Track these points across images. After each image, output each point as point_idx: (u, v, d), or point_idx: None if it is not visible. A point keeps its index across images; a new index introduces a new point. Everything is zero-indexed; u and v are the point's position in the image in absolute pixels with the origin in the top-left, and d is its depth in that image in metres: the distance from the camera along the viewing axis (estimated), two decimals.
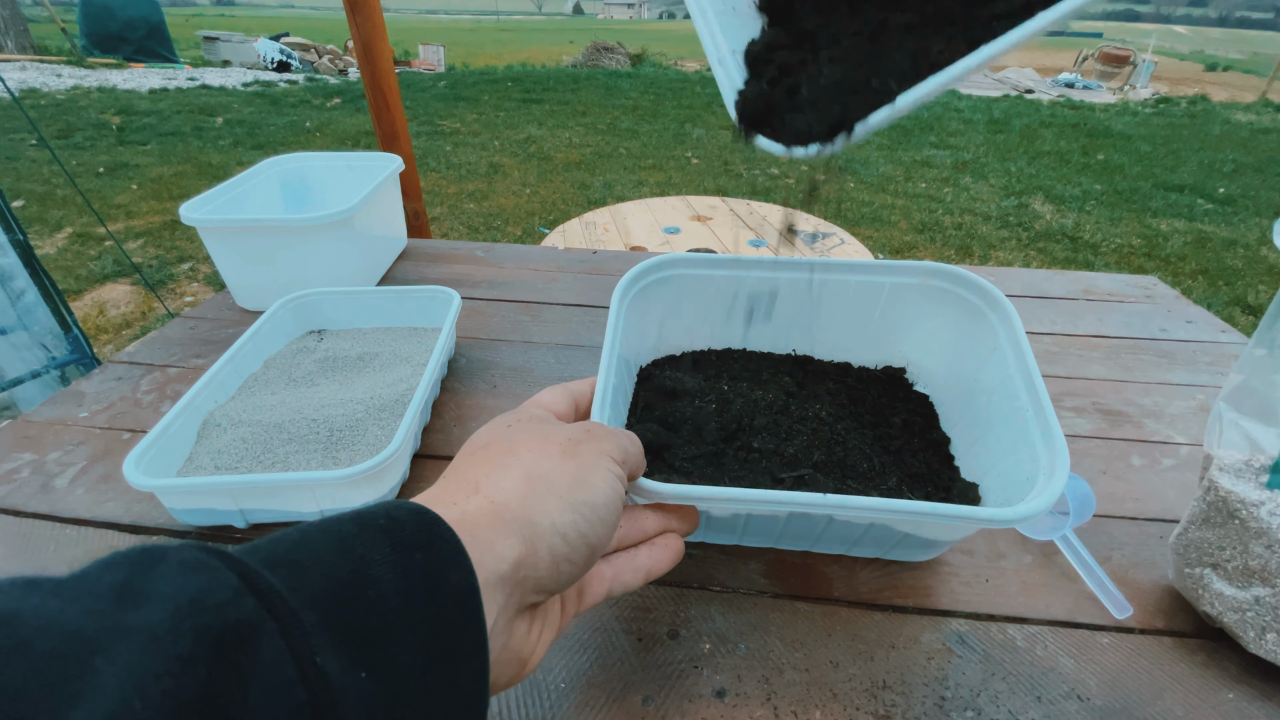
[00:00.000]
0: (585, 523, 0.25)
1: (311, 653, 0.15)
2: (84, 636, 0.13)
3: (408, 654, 0.18)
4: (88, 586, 0.15)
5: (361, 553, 0.19)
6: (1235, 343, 0.72)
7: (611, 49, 10.45)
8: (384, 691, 0.17)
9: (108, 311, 2.44)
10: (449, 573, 0.20)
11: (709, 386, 0.50)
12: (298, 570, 0.17)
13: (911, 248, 3.28)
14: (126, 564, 0.15)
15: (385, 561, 0.19)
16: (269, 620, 0.15)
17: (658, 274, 0.51)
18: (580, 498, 0.25)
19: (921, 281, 0.50)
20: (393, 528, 0.20)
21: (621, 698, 0.36)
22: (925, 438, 0.48)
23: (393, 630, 0.18)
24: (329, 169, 0.90)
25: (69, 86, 6.24)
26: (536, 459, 0.26)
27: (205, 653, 0.14)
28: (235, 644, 0.14)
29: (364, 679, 0.16)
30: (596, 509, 0.26)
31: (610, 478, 0.27)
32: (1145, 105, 7.57)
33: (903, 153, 5.05)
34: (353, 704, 0.16)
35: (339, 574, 0.18)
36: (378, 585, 0.18)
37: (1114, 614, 0.40)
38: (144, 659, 0.13)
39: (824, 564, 0.44)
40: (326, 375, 0.59)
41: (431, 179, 4.13)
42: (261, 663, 0.15)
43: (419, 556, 0.19)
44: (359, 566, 0.18)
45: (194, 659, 0.14)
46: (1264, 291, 2.84)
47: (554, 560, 0.24)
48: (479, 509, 0.23)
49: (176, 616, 0.14)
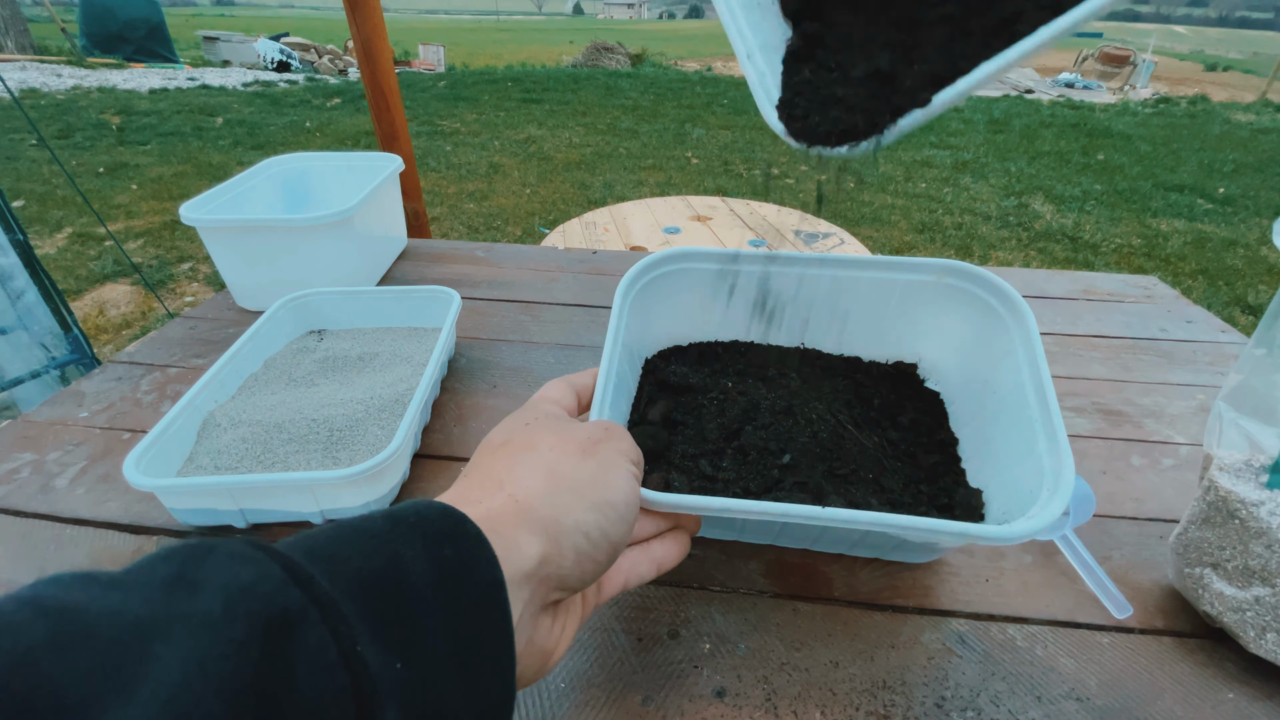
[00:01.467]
0: (607, 521, 0.26)
1: (353, 640, 0.16)
2: (143, 624, 0.14)
3: (439, 643, 0.19)
4: (143, 579, 0.15)
5: (394, 548, 0.20)
6: (1235, 343, 0.72)
7: (611, 49, 10.45)
8: (418, 679, 0.18)
9: (108, 311, 2.44)
10: (476, 567, 0.21)
11: (713, 382, 0.49)
12: (335, 564, 0.18)
13: (911, 248, 3.28)
14: (178, 557, 0.16)
15: (416, 556, 0.20)
16: (312, 609, 0.16)
17: (666, 267, 0.51)
18: (602, 497, 0.26)
19: (937, 279, 0.49)
20: (421, 524, 0.21)
21: (621, 698, 0.36)
22: (933, 438, 0.47)
23: (425, 621, 0.19)
24: (329, 169, 0.90)
25: (69, 86, 6.24)
26: (557, 457, 0.27)
27: (257, 637, 0.15)
28: (282, 630, 0.15)
29: (399, 668, 0.17)
30: (617, 508, 0.27)
31: (628, 477, 0.28)
32: (1145, 105, 7.57)
33: (903, 153, 5.05)
34: (390, 689, 0.17)
35: (373, 567, 0.19)
36: (410, 578, 0.19)
37: (1114, 614, 0.40)
38: (201, 643, 0.14)
39: (824, 564, 0.44)
40: (326, 375, 0.59)
41: (431, 179, 4.13)
42: (307, 648, 0.15)
43: (448, 551, 0.20)
44: (392, 560, 0.19)
45: (247, 643, 0.14)
46: (1264, 291, 2.84)
47: (578, 559, 0.25)
48: (503, 507, 0.24)
49: (229, 603, 0.15)
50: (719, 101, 6.98)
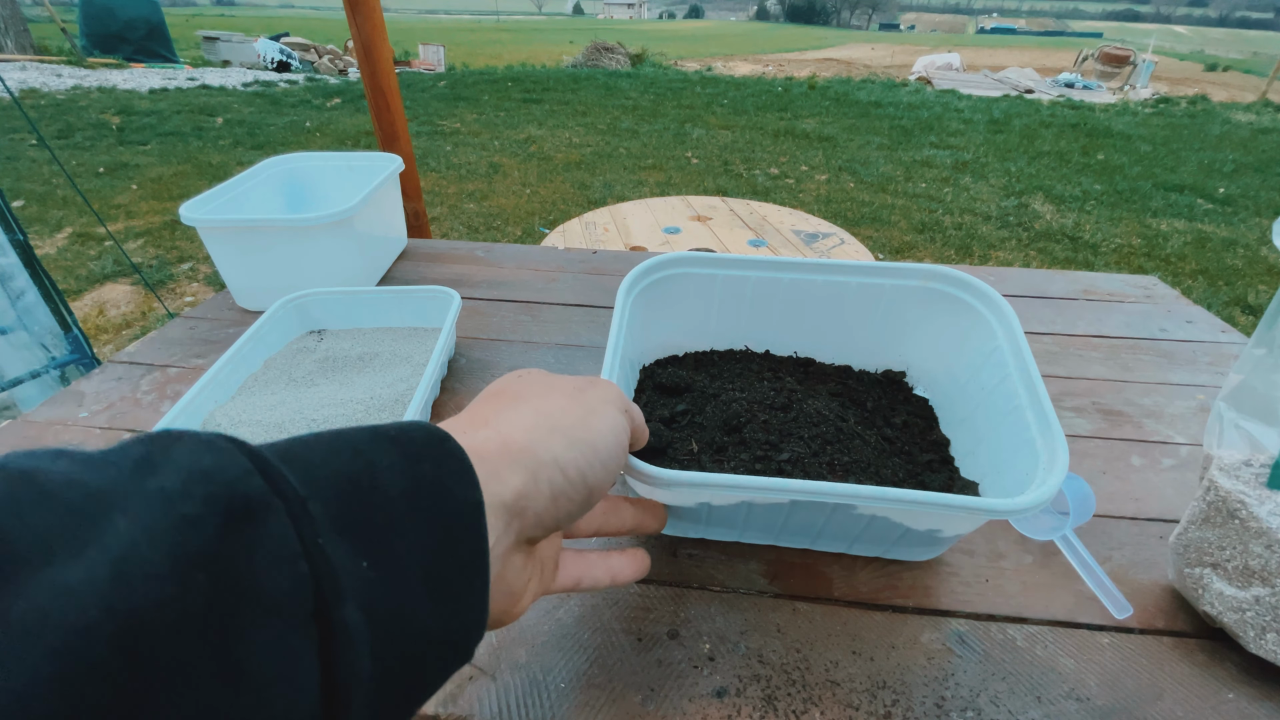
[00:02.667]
0: (585, 461, 0.26)
1: (315, 534, 0.16)
2: (104, 495, 0.14)
3: (410, 554, 0.18)
4: (113, 458, 0.16)
5: (371, 458, 0.19)
6: (1235, 343, 0.72)
7: (611, 49, 10.45)
8: (385, 584, 0.17)
9: (108, 311, 2.44)
10: (455, 486, 0.21)
11: (711, 385, 0.50)
12: (308, 466, 0.18)
13: (911, 248, 3.28)
14: (149, 442, 0.16)
15: (394, 468, 0.19)
16: (277, 501, 0.16)
17: (661, 273, 0.52)
18: (582, 436, 0.26)
19: (921, 284, 0.51)
20: (403, 439, 0.21)
21: (621, 698, 0.36)
22: (925, 439, 0.48)
23: (396, 529, 0.18)
24: (329, 169, 0.90)
25: (69, 86, 6.24)
26: (544, 401, 0.27)
27: (213, 517, 0.15)
28: (244, 516, 0.15)
29: (365, 567, 0.17)
30: (597, 450, 0.27)
31: (613, 423, 0.28)
32: (1145, 105, 7.58)
33: (903, 153, 5.05)
34: (353, 587, 0.17)
35: (347, 473, 0.18)
36: (385, 488, 0.19)
37: (1114, 614, 0.40)
38: (154, 514, 0.14)
39: (824, 564, 0.44)
40: (326, 375, 0.59)
41: (431, 179, 4.13)
42: (267, 535, 0.15)
43: (427, 467, 0.20)
44: (368, 469, 0.19)
45: (202, 520, 0.14)
46: (1264, 291, 2.84)
47: (553, 494, 0.25)
48: (488, 439, 0.24)
49: (188, 482, 0.15)
50: (719, 101, 6.99)
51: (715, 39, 25.66)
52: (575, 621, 0.40)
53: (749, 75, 9.88)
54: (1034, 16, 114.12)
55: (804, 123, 6.03)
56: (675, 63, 11.60)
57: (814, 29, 53.77)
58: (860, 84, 8.72)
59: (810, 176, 4.46)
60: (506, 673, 0.37)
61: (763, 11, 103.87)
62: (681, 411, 0.47)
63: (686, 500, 0.39)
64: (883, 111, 6.57)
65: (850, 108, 6.80)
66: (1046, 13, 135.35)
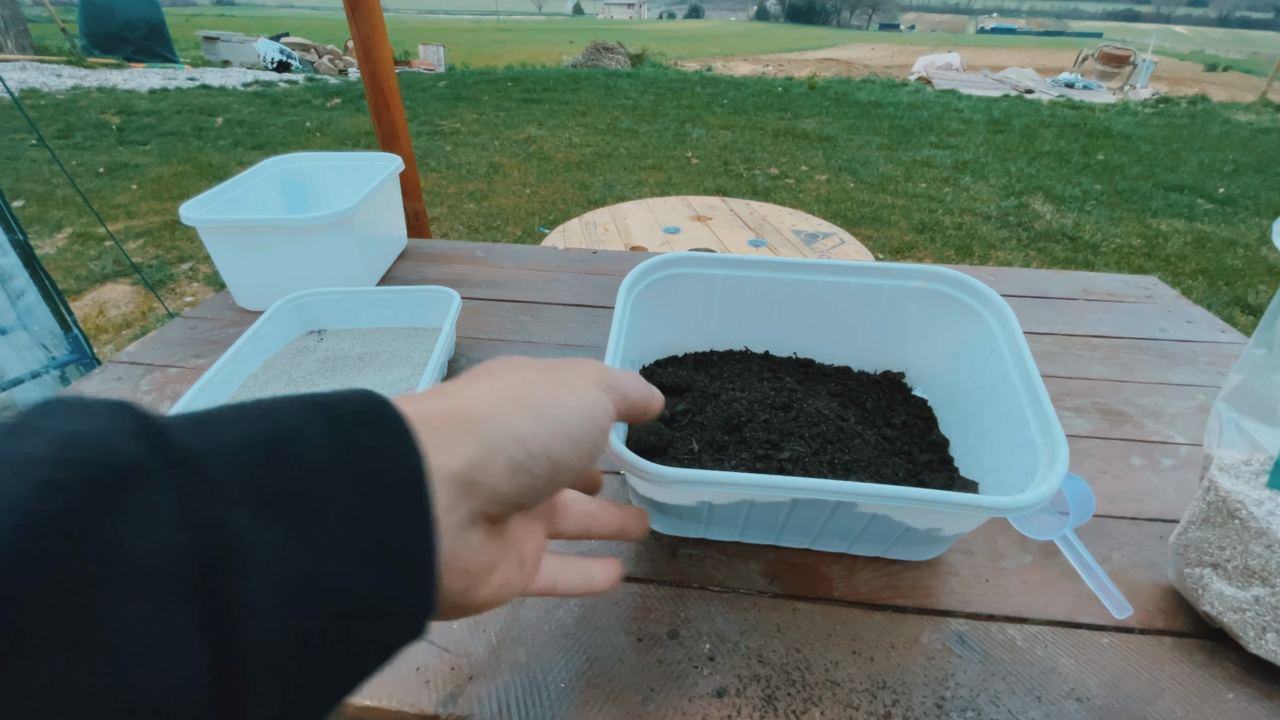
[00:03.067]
0: (550, 435, 0.24)
1: (210, 503, 0.16)
2: None
3: (338, 522, 0.18)
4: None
5: (296, 425, 0.18)
6: (1235, 343, 0.72)
7: (611, 49, 10.45)
8: (303, 551, 0.17)
9: (108, 311, 2.44)
10: (391, 451, 0.20)
11: (712, 385, 0.50)
12: (216, 430, 0.17)
13: (911, 248, 3.28)
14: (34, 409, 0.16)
15: (322, 435, 0.18)
16: (161, 467, 0.15)
17: (661, 273, 0.52)
18: (549, 411, 0.25)
19: (919, 285, 0.51)
20: (337, 406, 0.20)
21: (621, 698, 0.36)
22: (925, 439, 0.48)
23: (320, 497, 0.18)
24: (329, 169, 0.90)
25: (69, 86, 6.24)
26: (511, 375, 0.26)
27: (75, 482, 0.14)
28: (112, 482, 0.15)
29: (280, 536, 0.16)
30: (566, 424, 0.25)
31: (589, 399, 0.27)
32: (1145, 105, 7.58)
33: (903, 153, 5.05)
34: (259, 555, 0.16)
35: (264, 440, 0.18)
36: (309, 455, 0.18)
37: (1114, 614, 0.40)
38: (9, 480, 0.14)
39: (824, 564, 0.44)
40: (326, 375, 0.59)
41: (431, 179, 4.13)
42: (142, 502, 0.15)
43: (361, 434, 0.19)
44: (290, 436, 0.18)
45: (64, 486, 0.14)
46: (1264, 291, 2.84)
47: (511, 468, 0.23)
48: (438, 408, 0.23)
49: (52, 447, 0.14)
50: (719, 101, 6.98)
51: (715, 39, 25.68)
52: (575, 621, 0.40)
53: (749, 75, 9.88)
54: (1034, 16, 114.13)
55: (804, 123, 6.03)
56: (675, 63, 11.60)
57: (814, 29, 53.82)
58: (860, 84, 8.72)
59: (810, 176, 4.46)
60: (506, 673, 0.37)
61: (763, 11, 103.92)
62: (682, 411, 0.48)
63: (687, 499, 0.39)
64: (883, 111, 6.57)
65: (850, 108, 6.80)
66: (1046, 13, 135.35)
